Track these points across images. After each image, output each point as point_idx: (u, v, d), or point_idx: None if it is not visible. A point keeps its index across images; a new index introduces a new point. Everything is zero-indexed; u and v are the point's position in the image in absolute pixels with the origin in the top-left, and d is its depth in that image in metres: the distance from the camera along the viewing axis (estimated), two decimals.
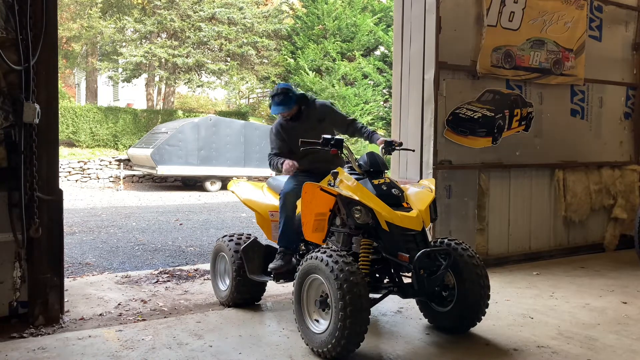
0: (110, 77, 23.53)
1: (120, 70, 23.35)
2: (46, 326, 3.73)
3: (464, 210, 5.59)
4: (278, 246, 4.03)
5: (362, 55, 20.47)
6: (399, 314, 4.06)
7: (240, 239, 4.29)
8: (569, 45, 6.27)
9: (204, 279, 5.30)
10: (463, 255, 3.45)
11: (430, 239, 3.45)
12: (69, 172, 17.51)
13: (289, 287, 4.29)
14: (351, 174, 3.53)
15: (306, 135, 3.77)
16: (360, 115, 18.97)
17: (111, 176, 17.91)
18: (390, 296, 3.50)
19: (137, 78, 23.41)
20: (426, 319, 3.77)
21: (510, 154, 5.95)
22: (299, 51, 20.65)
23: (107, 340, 3.45)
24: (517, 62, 5.88)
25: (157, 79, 24.05)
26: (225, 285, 4.38)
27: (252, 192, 4.54)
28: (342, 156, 3.79)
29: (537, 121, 6.15)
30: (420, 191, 3.57)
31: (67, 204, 8.73)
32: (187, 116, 21.57)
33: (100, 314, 4.12)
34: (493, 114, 5.78)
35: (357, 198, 3.29)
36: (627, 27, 6.90)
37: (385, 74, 19.84)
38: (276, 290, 4.74)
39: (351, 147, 17.96)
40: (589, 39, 6.47)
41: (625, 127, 6.99)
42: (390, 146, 3.90)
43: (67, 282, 4.84)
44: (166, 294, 4.78)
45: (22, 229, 3.68)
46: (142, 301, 4.52)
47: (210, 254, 4.61)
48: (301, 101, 4.06)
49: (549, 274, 5.45)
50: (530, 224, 6.17)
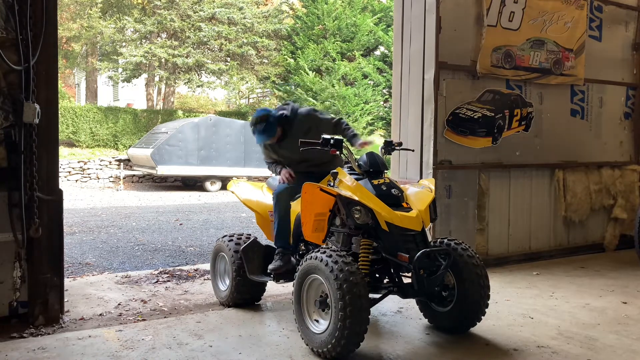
0: (110, 77, 23.55)
1: (120, 70, 23.35)
2: (46, 326, 3.73)
3: (464, 210, 5.60)
4: (275, 247, 4.03)
5: (362, 55, 20.46)
6: (399, 314, 4.06)
7: (240, 239, 4.29)
8: (569, 45, 6.27)
9: (204, 279, 5.30)
10: (463, 255, 3.45)
11: (430, 239, 3.45)
12: (69, 172, 17.52)
13: (289, 287, 4.29)
14: (351, 174, 3.53)
15: (295, 149, 3.76)
16: (360, 115, 18.95)
17: (111, 176, 17.91)
18: (390, 296, 3.50)
19: (137, 78, 23.42)
20: (426, 319, 3.77)
21: (510, 154, 5.95)
22: (299, 51, 20.64)
23: (107, 340, 3.45)
24: (517, 62, 5.89)
25: (157, 79, 24.06)
26: (225, 285, 4.38)
27: (251, 192, 4.54)
28: (342, 156, 3.79)
29: (537, 121, 6.16)
30: (420, 191, 3.57)
31: (67, 204, 8.73)
32: (187, 116, 21.58)
33: (100, 314, 4.12)
34: (493, 114, 5.78)
35: (356, 198, 3.29)
36: (627, 27, 6.90)
37: (385, 74, 19.84)
38: (276, 290, 4.74)
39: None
40: (589, 39, 6.47)
41: (625, 127, 6.99)
42: (389, 146, 3.91)
43: (67, 282, 4.84)
44: (166, 294, 4.78)
45: (22, 229, 3.68)
46: (142, 301, 4.52)
47: (210, 254, 4.61)
48: (283, 122, 4.01)
49: (549, 274, 5.45)
50: (530, 224, 6.17)
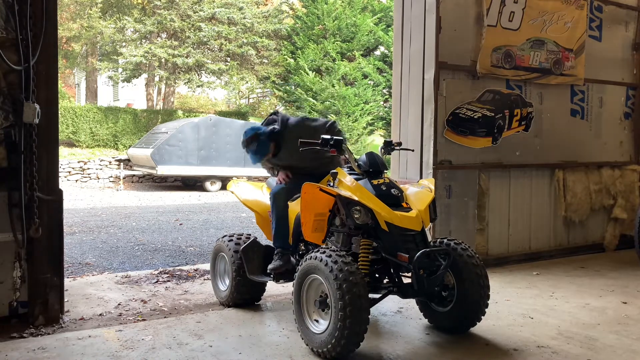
0: (110, 77, 23.56)
1: (120, 70, 23.36)
2: (46, 326, 3.73)
3: (464, 210, 5.60)
4: (274, 247, 4.04)
5: (362, 55, 20.47)
6: (399, 314, 4.06)
7: (240, 239, 4.29)
8: (569, 45, 6.27)
9: (204, 279, 5.30)
10: (463, 255, 3.45)
11: (430, 239, 3.45)
12: (69, 172, 17.52)
13: (289, 287, 4.29)
14: (351, 174, 3.53)
15: (293, 159, 3.81)
16: (360, 115, 18.96)
17: (111, 176, 17.92)
18: (390, 296, 3.50)
19: (137, 78, 23.44)
20: (426, 319, 3.76)
21: (510, 154, 5.95)
22: (299, 51, 20.65)
23: (107, 340, 3.45)
24: (517, 62, 5.89)
25: (157, 79, 24.07)
26: (225, 285, 4.38)
27: (251, 192, 4.54)
28: (341, 159, 3.82)
29: (537, 121, 6.16)
30: (419, 191, 3.57)
31: (67, 204, 8.73)
32: (187, 116, 21.58)
33: (100, 314, 4.12)
34: (493, 114, 5.78)
35: (356, 198, 3.29)
36: (627, 27, 6.90)
37: (385, 74, 19.84)
38: (276, 290, 4.74)
39: (350, 147, 17.95)
40: (589, 39, 6.47)
41: (625, 127, 6.99)
42: (389, 146, 3.91)
43: (67, 282, 4.84)
44: (166, 294, 4.78)
45: (22, 229, 3.68)
46: (142, 301, 4.52)
47: (210, 254, 4.61)
48: (274, 137, 4.01)
49: (549, 274, 5.45)
50: (530, 224, 6.17)
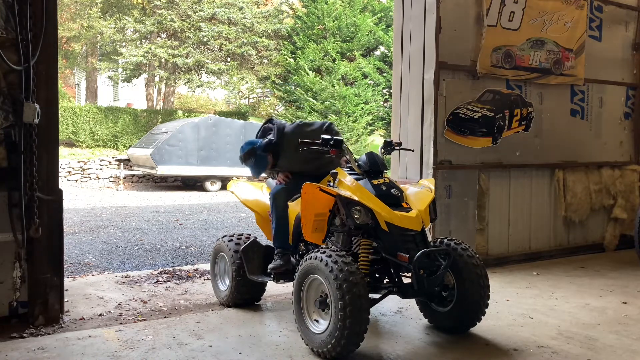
0: (110, 77, 23.56)
1: (120, 70, 23.37)
2: (46, 326, 3.73)
3: (464, 210, 5.60)
4: (274, 247, 4.04)
5: (362, 55, 20.47)
6: (399, 314, 4.06)
7: (240, 239, 4.29)
8: (569, 45, 6.27)
9: (204, 279, 5.30)
10: (463, 255, 3.45)
11: (430, 239, 3.45)
12: (69, 172, 17.52)
13: (289, 287, 4.29)
14: (351, 174, 3.53)
15: (293, 164, 3.86)
16: (360, 115, 18.96)
17: (111, 176, 17.92)
18: (390, 296, 3.50)
19: (137, 78, 23.44)
20: (426, 319, 3.76)
21: (510, 154, 5.95)
22: (299, 51, 20.65)
23: (107, 340, 3.45)
24: (517, 62, 5.89)
25: (157, 79, 24.07)
26: (225, 285, 4.38)
27: (251, 192, 4.54)
28: (342, 161, 3.82)
29: (537, 121, 6.16)
30: (419, 191, 3.57)
31: (67, 204, 8.73)
32: (187, 116, 21.59)
33: (100, 314, 4.12)
34: (493, 114, 5.78)
35: (356, 198, 3.29)
36: (627, 27, 6.90)
37: (385, 74, 19.84)
38: (276, 290, 4.74)
39: (350, 147, 17.95)
40: (589, 39, 6.47)
41: (625, 127, 6.99)
42: (389, 146, 3.92)
43: (67, 282, 4.84)
44: (166, 294, 4.78)
45: (22, 229, 3.68)
46: (142, 301, 4.52)
47: (210, 254, 4.61)
48: (270, 148, 4.02)
49: (549, 274, 5.45)
50: (530, 224, 6.17)
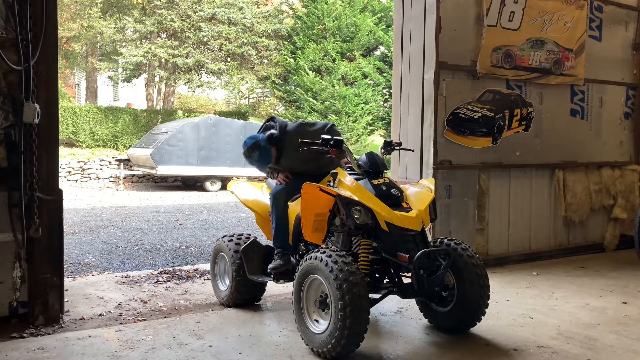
0: (110, 77, 23.56)
1: (120, 70, 23.37)
2: (46, 326, 3.73)
3: (464, 210, 5.60)
4: (274, 247, 4.04)
5: (362, 55, 20.47)
6: (399, 314, 4.06)
7: (240, 239, 4.29)
8: (569, 45, 6.27)
9: (204, 279, 5.30)
10: (463, 255, 3.45)
11: (430, 239, 3.45)
12: (69, 172, 17.52)
13: (289, 287, 4.29)
14: (351, 174, 3.53)
15: (294, 163, 3.88)
16: (360, 115, 18.96)
17: (111, 176, 17.92)
18: (390, 296, 3.50)
19: (137, 78, 23.44)
20: (426, 319, 3.76)
21: (510, 154, 5.95)
22: (299, 51, 20.65)
23: (107, 340, 3.45)
24: (517, 62, 5.89)
25: (157, 79, 24.07)
26: (225, 285, 4.38)
27: (251, 192, 4.54)
28: (342, 161, 3.82)
29: (537, 121, 6.16)
30: (419, 191, 3.57)
31: (67, 204, 8.73)
32: (187, 116, 21.58)
33: (100, 314, 4.12)
34: (493, 114, 5.78)
35: (356, 198, 3.29)
36: (627, 27, 6.90)
37: (385, 74, 19.84)
38: (276, 290, 4.75)
39: (350, 147, 17.95)
40: (589, 39, 6.47)
41: (625, 127, 6.99)
42: (389, 146, 3.92)
43: (67, 282, 4.84)
44: (166, 294, 4.78)
45: (22, 229, 3.68)
46: (142, 301, 4.52)
47: (210, 254, 4.61)
48: (274, 142, 4.01)
49: (549, 274, 5.45)
50: (530, 224, 6.17)
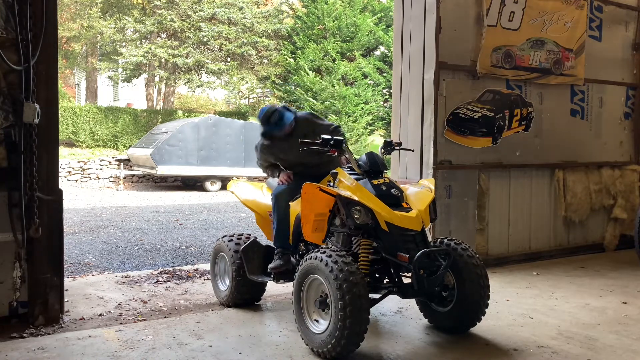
0: (110, 77, 23.55)
1: (120, 70, 23.36)
2: (46, 326, 3.73)
3: (464, 210, 5.59)
4: (274, 247, 4.04)
5: (362, 55, 20.46)
6: (399, 314, 4.06)
7: (240, 239, 4.29)
8: (569, 45, 6.27)
9: (204, 279, 5.30)
10: (463, 255, 3.45)
11: (430, 239, 3.45)
12: (69, 172, 17.52)
13: (289, 287, 4.29)
14: (351, 174, 3.53)
15: (292, 152, 3.85)
16: (360, 115, 18.95)
17: (111, 176, 17.91)
18: (390, 296, 3.50)
19: (137, 78, 23.43)
20: (426, 319, 3.76)
21: (510, 154, 5.95)
22: (299, 51, 20.65)
23: (107, 340, 3.45)
24: (517, 62, 5.88)
25: (157, 79, 24.06)
26: (225, 285, 4.38)
27: (251, 192, 4.55)
28: (342, 158, 3.82)
29: (537, 121, 6.15)
30: (419, 191, 3.57)
31: (67, 204, 8.73)
32: (187, 116, 21.58)
33: (100, 314, 4.12)
34: (493, 114, 5.78)
35: (356, 198, 3.29)
36: (627, 27, 6.90)
37: (385, 74, 19.83)
38: (276, 290, 4.75)
39: (350, 147, 17.95)
40: (589, 39, 6.47)
41: (625, 127, 6.99)
42: (389, 146, 3.92)
43: (67, 282, 4.84)
44: (166, 294, 4.78)
45: (22, 229, 3.68)
46: (142, 301, 4.52)
47: (210, 254, 4.61)
48: (291, 112, 4.00)
49: (549, 274, 5.45)
50: (530, 224, 6.17)
